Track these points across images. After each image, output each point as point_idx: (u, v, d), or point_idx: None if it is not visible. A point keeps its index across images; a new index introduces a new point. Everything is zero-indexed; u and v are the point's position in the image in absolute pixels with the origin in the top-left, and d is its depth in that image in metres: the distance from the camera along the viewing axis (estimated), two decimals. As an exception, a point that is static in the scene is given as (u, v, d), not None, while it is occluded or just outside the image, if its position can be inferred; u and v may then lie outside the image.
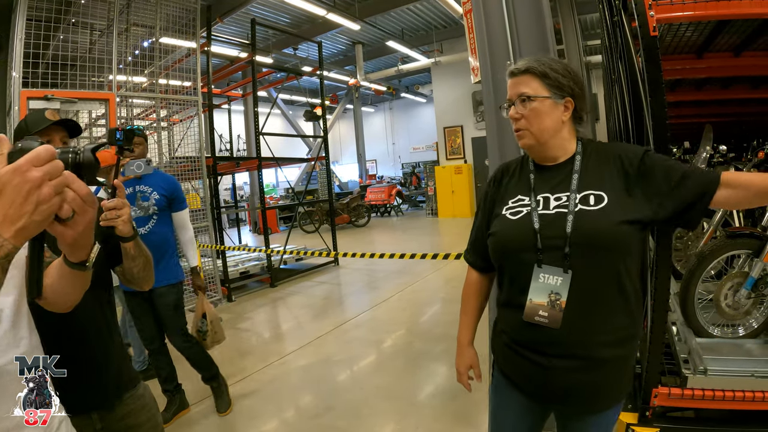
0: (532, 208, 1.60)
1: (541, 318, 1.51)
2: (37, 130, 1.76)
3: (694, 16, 2.43)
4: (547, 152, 1.65)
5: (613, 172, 1.55)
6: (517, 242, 1.59)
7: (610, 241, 1.47)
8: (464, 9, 3.47)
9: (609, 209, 1.48)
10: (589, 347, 1.50)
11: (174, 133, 7.86)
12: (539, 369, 1.56)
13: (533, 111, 1.59)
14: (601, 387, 1.56)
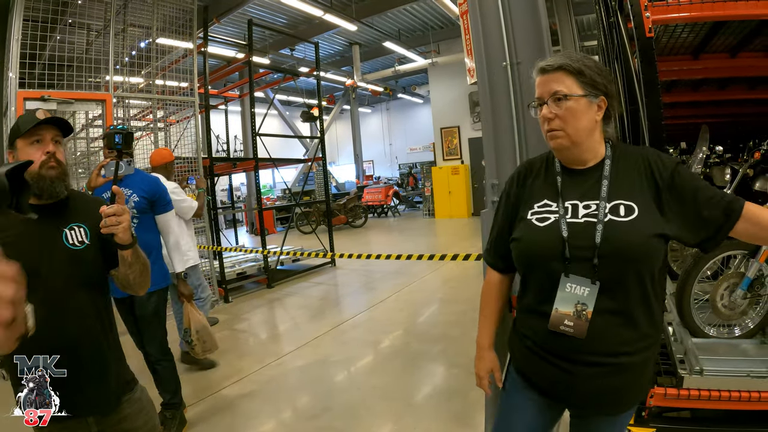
0: (560, 215, 1.56)
1: (567, 327, 1.50)
2: (26, 130, 1.75)
3: (690, 17, 2.44)
4: (580, 155, 1.60)
5: (643, 181, 1.53)
6: (544, 251, 1.55)
7: (640, 254, 1.45)
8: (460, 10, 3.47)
9: (639, 222, 1.46)
10: (613, 356, 1.49)
11: (171, 134, 7.85)
12: (564, 374, 1.55)
13: (569, 110, 1.53)
14: (624, 391, 1.56)
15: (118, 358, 1.92)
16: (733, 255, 3.26)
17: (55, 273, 1.72)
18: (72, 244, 1.77)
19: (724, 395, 2.50)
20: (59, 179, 1.78)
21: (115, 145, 1.93)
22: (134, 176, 3.60)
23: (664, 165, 1.52)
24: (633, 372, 1.52)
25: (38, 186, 1.73)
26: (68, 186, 1.84)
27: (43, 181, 1.74)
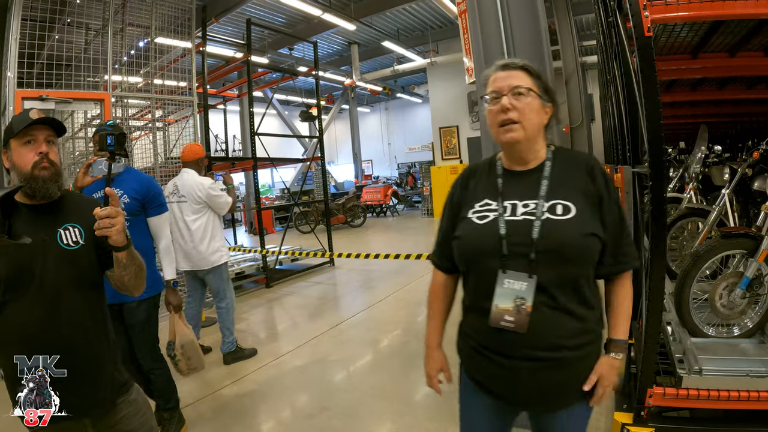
0: (499, 213, 1.60)
1: (507, 323, 1.52)
2: (19, 130, 1.74)
3: (689, 17, 2.44)
4: (526, 153, 1.64)
5: (581, 183, 1.59)
6: (482, 247, 1.59)
7: (575, 250, 1.51)
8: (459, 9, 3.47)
9: (576, 221, 1.52)
10: (553, 350, 1.53)
11: (169, 133, 7.84)
12: (506, 371, 1.57)
13: (528, 105, 1.58)
14: (566, 384, 1.59)
15: (113, 359, 1.91)
16: (732, 254, 3.27)
17: (50, 273, 1.71)
18: (66, 244, 1.76)
19: (723, 395, 2.50)
20: (52, 180, 1.76)
21: (107, 147, 1.91)
22: (125, 175, 3.37)
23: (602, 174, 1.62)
24: (574, 366, 1.57)
25: (30, 186, 1.73)
26: (62, 186, 1.83)
27: (36, 181, 1.73)
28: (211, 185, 4.99)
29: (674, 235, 4.68)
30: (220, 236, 5.18)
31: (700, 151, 4.74)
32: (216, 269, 5.06)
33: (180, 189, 5.00)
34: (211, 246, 5.00)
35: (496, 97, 1.61)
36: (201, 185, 4.95)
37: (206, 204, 5.00)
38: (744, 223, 4.57)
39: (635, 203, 3.10)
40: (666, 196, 2.50)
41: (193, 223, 4.96)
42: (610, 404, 3.37)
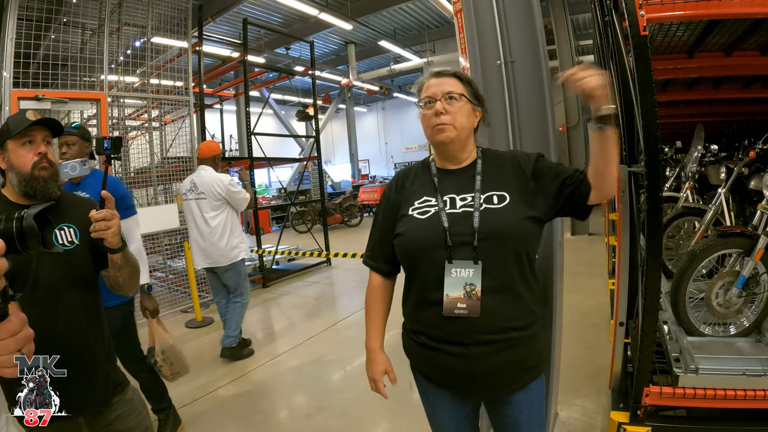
0: (440, 208, 1.68)
1: (461, 310, 1.59)
2: (18, 131, 1.75)
3: (685, 16, 2.44)
4: (459, 152, 1.76)
5: (512, 174, 1.71)
6: (427, 240, 1.66)
7: (514, 234, 1.61)
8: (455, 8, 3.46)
9: (511, 207, 1.63)
10: (504, 330, 1.61)
11: (165, 133, 7.83)
12: (460, 359, 1.63)
13: (460, 109, 1.71)
14: (518, 365, 1.67)
15: (108, 359, 1.91)
16: (728, 253, 3.27)
17: (45, 273, 1.72)
18: (62, 244, 1.77)
19: (719, 394, 2.50)
20: (52, 179, 1.79)
21: (104, 150, 1.91)
22: (91, 178, 3.19)
23: (529, 158, 1.75)
24: (523, 346, 1.66)
25: (32, 186, 1.75)
26: (60, 186, 1.85)
27: (36, 181, 1.75)
28: (231, 182, 5.03)
29: (670, 234, 4.69)
30: (239, 232, 5.22)
31: (696, 151, 4.74)
32: (234, 265, 5.08)
33: (198, 186, 5.02)
34: (230, 242, 5.04)
35: (429, 102, 1.74)
36: (220, 182, 4.98)
37: (225, 200, 5.03)
38: (740, 222, 4.58)
39: (631, 203, 3.10)
40: (662, 195, 2.50)
41: (212, 220, 4.99)
42: (606, 403, 3.38)
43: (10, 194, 1.79)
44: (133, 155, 7.40)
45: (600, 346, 4.52)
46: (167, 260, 7.50)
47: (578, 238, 10.85)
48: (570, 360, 4.08)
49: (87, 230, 1.69)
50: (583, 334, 4.88)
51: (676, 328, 3.20)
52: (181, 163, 7.25)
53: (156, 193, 7.72)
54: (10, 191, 1.79)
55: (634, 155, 3.30)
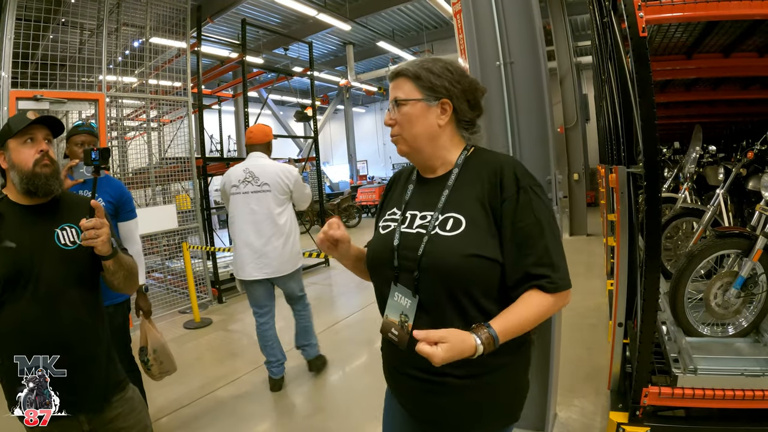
0: (397, 224, 1.53)
1: (393, 336, 1.46)
2: (19, 129, 1.76)
3: (684, 17, 2.45)
4: (425, 162, 1.56)
5: (482, 192, 1.43)
6: (380, 256, 1.54)
7: (455, 272, 1.37)
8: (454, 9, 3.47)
9: (461, 238, 1.38)
10: (436, 374, 1.39)
11: (164, 133, 7.82)
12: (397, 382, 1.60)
13: (405, 116, 1.49)
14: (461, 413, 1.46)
15: (108, 357, 1.93)
16: (727, 254, 3.28)
17: (48, 272, 1.73)
18: (64, 244, 1.79)
19: (718, 394, 2.51)
20: (53, 176, 1.81)
21: (92, 162, 1.91)
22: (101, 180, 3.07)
23: (516, 179, 1.42)
24: (466, 395, 1.44)
25: (33, 183, 1.76)
26: (62, 184, 1.86)
27: (38, 178, 1.76)
28: (298, 174, 4.27)
29: (669, 234, 4.69)
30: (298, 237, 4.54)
31: (694, 151, 4.75)
32: (297, 272, 4.43)
33: (258, 176, 4.14)
34: (295, 245, 4.35)
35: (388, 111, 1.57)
36: (288, 172, 4.19)
37: (290, 195, 4.24)
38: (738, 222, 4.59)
39: (630, 203, 3.11)
40: (661, 196, 2.51)
41: (279, 218, 4.16)
42: (605, 404, 3.39)
43: (12, 194, 1.81)
44: (132, 156, 7.38)
45: (598, 346, 4.52)
46: (165, 261, 7.49)
47: (576, 239, 10.86)
48: (568, 360, 4.09)
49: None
50: (581, 335, 4.89)
51: (674, 329, 3.21)
52: (180, 164, 7.24)
53: (154, 194, 7.71)
54: (11, 191, 1.81)
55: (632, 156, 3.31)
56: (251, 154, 4.29)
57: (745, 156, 4.02)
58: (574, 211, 11.07)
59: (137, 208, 3.51)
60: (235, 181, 4.19)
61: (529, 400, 1.60)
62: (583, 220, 11.12)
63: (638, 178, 2.99)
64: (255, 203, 4.12)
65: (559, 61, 11.02)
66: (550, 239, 1.37)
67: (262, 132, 4.33)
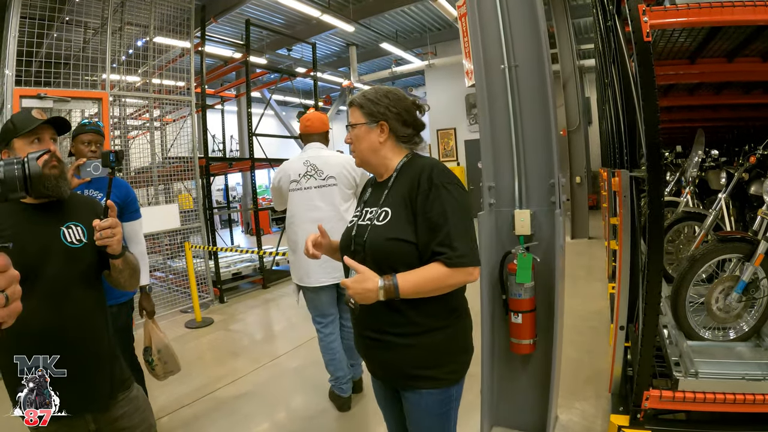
0: (358, 218, 1.95)
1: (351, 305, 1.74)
2: (27, 130, 1.76)
3: (688, 23, 2.46)
4: (375, 170, 1.98)
5: (405, 190, 1.80)
6: (344, 244, 1.94)
7: (382, 252, 1.76)
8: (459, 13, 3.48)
9: (386, 226, 1.79)
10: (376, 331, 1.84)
11: (167, 133, 7.84)
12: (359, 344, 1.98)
13: (355, 136, 1.92)
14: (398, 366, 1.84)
15: (113, 356, 1.93)
16: (728, 258, 3.28)
17: (53, 270, 1.73)
18: (70, 242, 1.79)
19: (719, 398, 2.51)
20: (62, 178, 1.80)
21: (110, 164, 1.92)
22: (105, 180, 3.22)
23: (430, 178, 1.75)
24: (401, 351, 1.80)
25: (44, 185, 1.75)
26: (70, 185, 1.86)
27: (48, 180, 1.75)
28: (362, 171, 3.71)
29: (671, 238, 4.70)
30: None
31: (697, 156, 4.75)
32: None
33: (322, 169, 3.76)
34: None
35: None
36: (352, 165, 3.72)
37: (356, 190, 3.82)
38: (740, 227, 4.59)
39: (632, 207, 3.11)
40: (663, 199, 2.51)
41: (346, 215, 3.70)
42: (606, 407, 3.39)
43: None
44: (134, 155, 7.39)
45: (600, 349, 4.53)
46: (167, 260, 7.50)
47: (578, 242, 10.86)
48: (570, 363, 4.09)
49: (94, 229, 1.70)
50: (582, 338, 4.89)
51: (676, 332, 3.21)
52: (182, 163, 7.26)
53: (156, 193, 7.72)
54: None
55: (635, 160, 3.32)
56: (309, 144, 3.90)
57: (747, 160, 4.02)
58: (576, 214, 11.07)
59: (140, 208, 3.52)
60: (295, 176, 3.78)
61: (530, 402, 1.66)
62: (584, 224, 11.12)
63: (641, 181, 2.99)
64: (319, 199, 3.72)
65: (563, 64, 11.02)
66: (452, 226, 1.69)
67: (320, 120, 3.96)
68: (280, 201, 3.97)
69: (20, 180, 1.15)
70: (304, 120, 3.95)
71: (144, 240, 3.50)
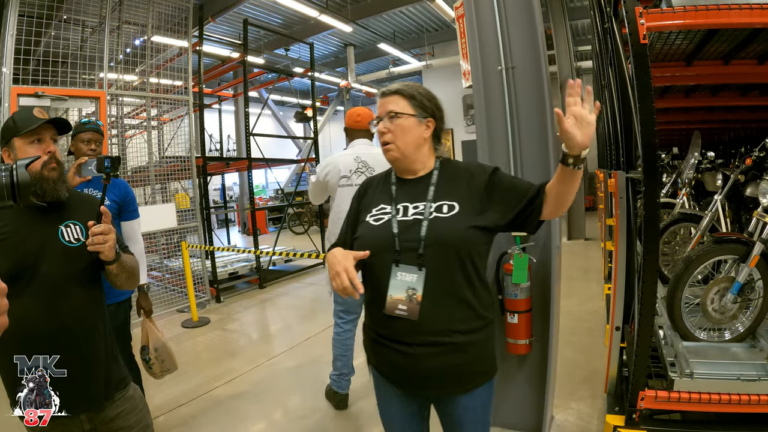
0: (392, 215, 1.79)
1: (401, 311, 1.68)
2: (28, 129, 1.76)
3: (684, 25, 2.47)
4: (410, 165, 1.85)
5: (465, 185, 1.78)
6: (377, 244, 1.75)
7: (457, 241, 1.68)
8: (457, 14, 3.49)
9: (459, 216, 1.71)
10: (446, 334, 1.68)
11: (164, 132, 7.83)
12: (404, 357, 1.71)
13: (399, 126, 1.80)
14: (461, 367, 1.73)
15: (110, 354, 1.92)
16: (724, 260, 3.30)
17: (51, 268, 1.73)
18: (68, 241, 1.78)
19: (714, 398, 2.52)
20: (60, 180, 1.80)
21: (105, 169, 1.93)
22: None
23: (484, 170, 1.81)
24: (468, 351, 1.72)
25: (41, 187, 1.74)
26: (69, 186, 1.86)
27: (47, 182, 1.75)
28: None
29: (667, 239, 4.71)
30: None
31: (693, 157, 4.77)
32: None
33: (374, 166, 3.69)
34: None
35: (378, 121, 1.87)
36: None
37: None
38: (736, 228, 4.61)
39: (628, 208, 3.12)
40: (659, 201, 2.52)
41: None
42: (602, 407, 3.40)
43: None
44: (131, 154, 7.38)
45: (595, 350, 4.54)
46: (164, 260, 7.50)
47: (574, 243, 10.88)
48: (566, 363, 4.11)
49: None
50: (578, 338, 4.91)
51: (671, 333, 3.22)
52: (179, 163, 7.25)
53: (153, 192, 7.71)
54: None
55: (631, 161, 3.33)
56: (357, 141, 3.86)
57: (743, 162, 4.04)
58: (572, 215, 11.08)
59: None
60: (346, 171, 3.70)
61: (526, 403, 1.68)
62: (581, 225, 11.14)
63: (637, 183, 3.00)
64: None
65: (560, 66, 11.04)
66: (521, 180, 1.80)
67: (369, 116, 3.85)
68: (321, 195, 3.94)
69: (7, 188, 1.12)
70: (354, 115, 3.92)
71: (142, 239, 3.51)
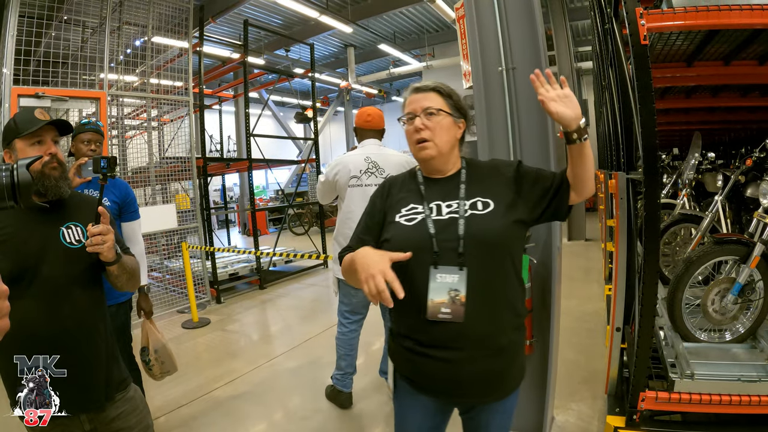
0: (426, 215, 1.71)
1: (445, 315, 1.59)
2: (29, 131, 1.76)
3: (685, 26, 2.47)
4: (443, 164, 1.79)
5: (495, 181, 1.75)
6: (414, 246, 1.63)
7: (498, 237, 1.64)
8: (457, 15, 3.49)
9: (495, 212, 1.66)
10: (492, 335, 1.64)
11: (164, 133, 7.82)
12: (445, 364, 1.63)
13: (438, 124, 1.73)
14: (503, 372, 1.69)
15: (111, 355, 1.92)
16: (725, 261, 3.30)
17: (52, 269, 1.73)
18: (69, 242, 1.78)
19: (714, 399, 2.52)
20: (62, 179, 1.80)
21: (101, 170, 1.93)
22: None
23: (509, 165, 1.81)
24: (510, 353, 1.69)
25: (43, 185, 1.75)
26: (71, 185, 1.86)
27: (49, 180, 1.76)
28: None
29: (667, 240, 4.71)
30: None
31: (693, 158, 4.77)
32: None
33: (384, 167, 3.69)
34: None
35: (411, 117, 1.76)
36: (412, 164, 3.22)
37: None
38: (736, 229, 4.60)
39: (629, 209, 3.12)
40: (659, 202, 2.52)
41: None
42: (602, 408, 3.40)
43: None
44: (132, 155, 7.38)
45: (596, 351, 4.54)
46: (164, 260, 7.50)
47: (575, 243, 10.88)
48: (566, 364, 4.11)
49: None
50: (579, 339, 4.91)
51: (672, 334, 3.22)
52: (180, 164, 7.25)
53: (154, 193, 7.71)
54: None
55: (632, 162, 3.33)
56: (367, 141, 3.81)
57: (743, 163, 4.04)
58: (572, 215, 11.08)
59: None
60: (356, 171, 3.67)
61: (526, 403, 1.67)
62: (581, 225, 11.14)
63: (637, 184, 3.00)
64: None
65: (560, 66, 11.05)
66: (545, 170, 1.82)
67: (379, 116, 3.87)
68: (329, 195, 3.91)
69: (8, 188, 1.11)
70: (364, 115, 3.87)
71: (142, 240, 3.52)
